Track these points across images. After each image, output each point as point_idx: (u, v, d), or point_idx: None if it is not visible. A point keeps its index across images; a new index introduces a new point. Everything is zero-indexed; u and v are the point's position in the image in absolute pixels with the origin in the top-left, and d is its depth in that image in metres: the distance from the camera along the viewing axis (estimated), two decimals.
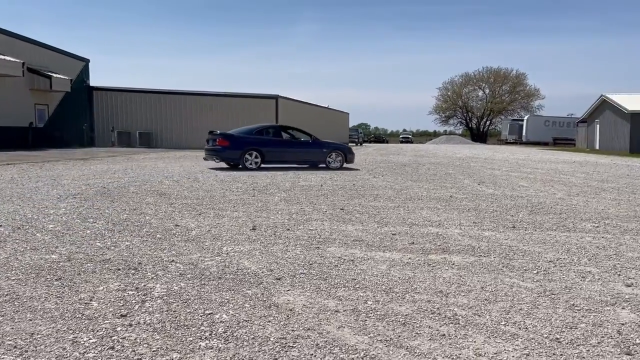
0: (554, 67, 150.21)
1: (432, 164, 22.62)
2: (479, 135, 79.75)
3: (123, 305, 4.25)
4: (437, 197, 11.16)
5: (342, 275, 5.26)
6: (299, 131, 19.19)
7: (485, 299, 4.64)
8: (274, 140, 17.84)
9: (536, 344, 3.70)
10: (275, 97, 33.57)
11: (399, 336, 3.78)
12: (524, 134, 60.42)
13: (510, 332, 3.91)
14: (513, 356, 3.49)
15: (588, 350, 3.61)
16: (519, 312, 4.33)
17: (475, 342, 3.72)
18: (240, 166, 17.03)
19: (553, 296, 4.76)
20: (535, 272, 5.54)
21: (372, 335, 3.79)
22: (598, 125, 42.84)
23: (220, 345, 3.53)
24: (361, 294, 4.69)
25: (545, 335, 3.86)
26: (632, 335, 3.88)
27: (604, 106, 41.65)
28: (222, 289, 4.74)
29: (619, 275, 5.48)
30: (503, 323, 4.08)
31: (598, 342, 3.75)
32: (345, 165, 18.62)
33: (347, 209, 9.29)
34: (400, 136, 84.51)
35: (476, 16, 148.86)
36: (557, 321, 4.15)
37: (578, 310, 4.41)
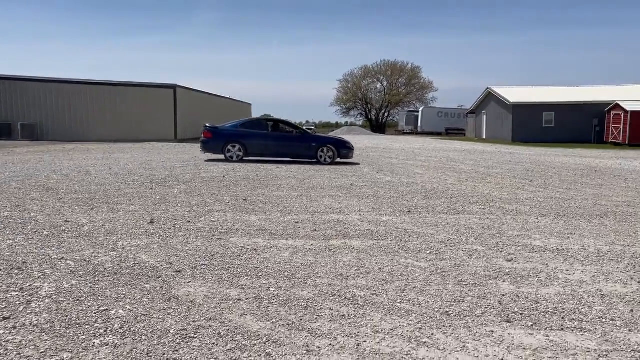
0: (445, 61, 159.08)
1: None
2: (378, 126, 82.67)
3: (5, 307, 3.93)
4: (338, 186, 11.44)
5: (244, 264, 5.25)
6: (289, 125, 18.30)
7: (383, 280, 4.85)
8: (259, 133, 17.25)
9: (428, 318, 3.95)
10: (174, 87, 32.32)
11: (301, 319, 3.85)
12: (419, 124, 63.52)
13: (405, 308, 4.13)
14: (407, 331, 3.70)
15: (473, 321, 3.91)
16: (413, 290, 4.58)
17: (373, 320, 3.89)
18: (224, 158, 17.00)
19: (444, 274, 5.09)
20: (428, 252, 5.88)
21: (274, 320, 3.83)
22: (485, 116, 46.14)
23: (117, 342, 3.39)
24: (264, 282, 4.71)
25: (436, 310, 4.12)
26: (511, 305, 4.27)
27: (489, 98, 44.91)
28: (118, 284, 4.53)
29: (501, 252, 5.98)
30: (399, 301, 4.30)
31: (482, 313, 4.08)
32: (342, 160, 17.33)
33: (251, 200, 9.24)
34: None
35: (375, 9, 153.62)
36: (447, 296, 4.45)
37: (465, 285, 4.76)
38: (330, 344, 3.45)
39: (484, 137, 45.58)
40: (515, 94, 40.61)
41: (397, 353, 3.35)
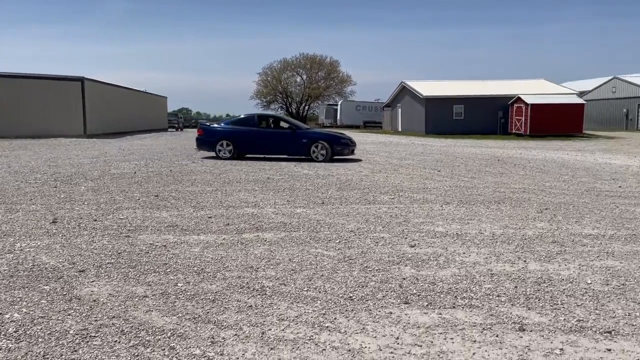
0: (363, 55, 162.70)
1: None
2: (299, 120, 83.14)
3: None
4: (255, 180, 11.46)
5: (152, 261, 5.17)
6: (284, 121, 17.42)
7: (292, 270, 4.98)
8: (250, 130, 16.66)
9: (332, 303, 4.12)
10: (81, 80, 30.57)
11: (208, 312, 3.89)
12: (338, 118, 64.60)
13: (312, 296, 4.28)
14: (312, 317, 3.84)
15: (374, 304, 4.13)
16: (320, 278, 4.74)
17: (279, 309, 4.00)
18: (215, 156, 16.67)
19: (350, 261, 5.30)
20: (337, 241, 6.09)
21: (180, 315, 3.83)
22: (400, 109, 47.77)
23: (10, 346, 3.26)
24: (172, 277, 4.68)
25: (340, 295, 4.30)
26: (410, 287, 4.54)
27: (404, 92, 46.54)
28: (14, 287, 4.32)
29: (406, 238, 6.30)
30: (306, 289, 4.44)
31: (383, 296, 4.31)
32: (341, 157, 16.59)
33: (162, 196, 9.05)
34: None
35: (294, 3, 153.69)
36: (352, 282, 4.65)
37: (370, 271, 4.99)
38: (236, 334, 3.52)
39: (400, 129, 47.15)
40: (427, 88, 42.31)
41: (300, 339, 3.48)
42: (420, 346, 3.40)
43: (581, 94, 41.05)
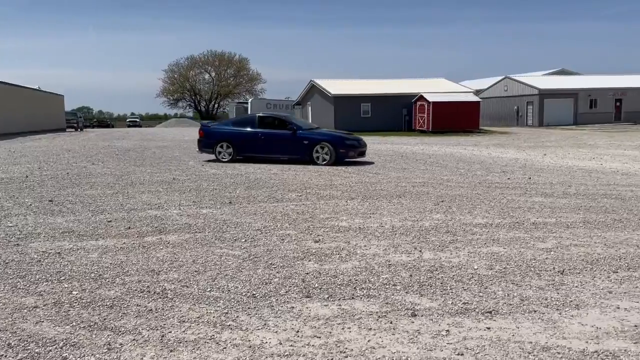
0: (273, 53, 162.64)
1: (159, 148, 22.30)
2: (208, 118, 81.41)
3: None
4: (159, 181, 11.14)
5: (45, 269, 4.91)
6: (287, 121, 15.89)
7: (196, 271, 4.94)
8: (250, 131, 15.65)
9: (235, 302, 4.15)
10: None
11: (105, 319, 3.78)
12: None
13: (215, 296, 4.29)
14: (214, 317, 3.86)
15: (277, 300, 4.22)
16: (224, 278, 4.75)
17: (181, 310, 3.97)
18: (215, 158, 15.72)
19: (256, 259, 5.36)
20: (243, 240, 6.11)
21: (74, 324, 3.69)
22: (310, 107, 48.35)
23: None
24: (66, 286, 4.48)
25: (244, 294, 4.35)
26: (312, 281, 4.68)
27: (313, 90, 47.16)
28: None
29: (311, 234, 6.46)
30: (209, 289, 4.44)
31: (286, 291, 4.41)
32: (347, 159, 15.25)
33: (58, 200, 8.56)
34: (128, 120, 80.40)
35: None
36: (256, 280, 4.70)
37: (274, 268, 5.07)
38: (134, 339, 3.46)
39: None
40: (336, 86, 43.18)
41: (201, 339, 3.48)
42: (319, 337, 3.53)
43: (477, 93, 43.85)
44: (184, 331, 3.60)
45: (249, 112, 64.72)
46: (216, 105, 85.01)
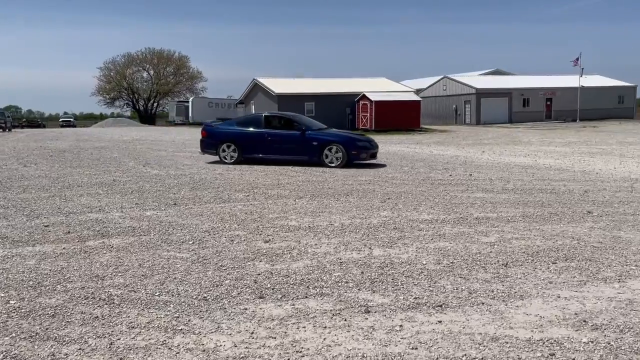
0: (214, 51, 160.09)
1: (96, 148, 21.43)
2: (147, 117, 78.99)
3: None
4: (99, 183, 10.70)
5: None
6: (295, 121, 15.12)
7: (142, 275, 4.78)
8: (256, 132, 14.78)
9: (186, 305, 4.05)
10: None
11: (47, 329, 3.58)
12: (190, 115, 62.77)
13: (164, 300, 4.16)
14: (164, 322, 3.74)
15: (229, 302, 4.15)
16: (173, 281, 4.62)
17: (129, 316, 3.82)
18: (219, 159, 14.78)
19: (205, 261, 5.24)
20: (191, 242, 5.97)
21: (14, 334, 3.48)
22: (253, 106, 47.94)
23: None
24: (2, 295, 4.22)
25: (195, 297, 4.24)
26: (265, 282, 4.63)
27: (256, 89, 46.80)
28: None
29: (261, 234, 6.39)
30: (158, 294, 4.30)
31: (238, 293, 4.35)
32: (359, 162, 14.34)
33: None
34: (61, 120, 76.77)
35: None
36: (207, 282, 4.61)
37: (225, 269, 4.99)
38: (80, 348, 3.30)
39: None
40: (280, 85, 43.07)
41: (153, 344, 3.37)
42: (275, 338, 3.50)
43: (417, 92, 44.94)
44: (133, 338, 3.47)
45: (190, 111, 63.45)
46: (155, 104, 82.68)
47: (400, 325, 3.70)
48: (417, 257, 5.39)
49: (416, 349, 3.34)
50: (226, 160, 14.71)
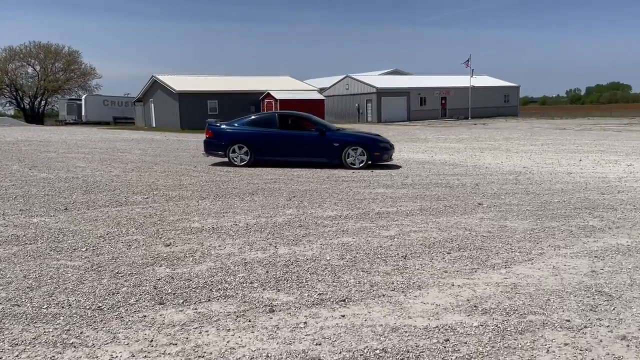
0: (109, 46, 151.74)
1: None
2: (34, 117, 72.96)
3: None
4: None
5: None
6: (309, 121, 14.19)
7: (28, 287, 4.40)
8: (268, 132, 13.85)
9: (78, 317, 3.78)
10: None
11: None
12: (83, 113, 59.01)
13: (53, 313, 3.86)
14: (53, 336, 3.47)
15: (127, 310, 3.94)
16: (64, 292, 4.30)
17: (12, 333, 3.51)
18: (228, 161, 13.85)
19: (100, 269, 4.94)
20: (84, 249, 5.60)
21: None
22: (153, 104, 46.03)
23: None
24: None
25: (88, 307, 3.98)
26: (165, 287, 4.45)
27: (156, 86, 44.96)
28: None
29: (161, 237, 6.15)
30: (46, 306, 3.98)
31: (136, 300, 4.14)
32: (380, 162, 13.83)
33: None
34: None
35: None
36: (102, 291, 4.34)
37: (122, 276, 4.73)
38: None
39: (154, 125, 45.55)
40: (181, 83, 41.74)
41: None
42: (176, 344, 3.37)
43: (321, 91, 45.65)
44: (17, 356, 3.18)
45: (83, 109, 59.61)
46: (43, 102, 76.72)
47: (305, 322, 3.72)
48: (321, 254, 5.46)
49: (320, 344, 3.38)
50: (236, 162, 13.84)
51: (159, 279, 4.65)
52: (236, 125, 14.36)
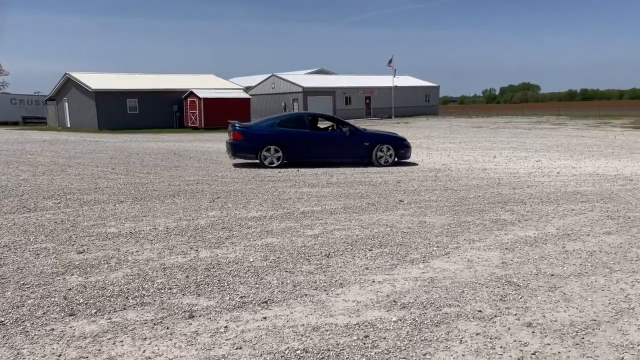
0: (17, 41, 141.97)
1: None
2: None
3: None
4: None
5: None
6: (335, 121, 14.65)
7: None
8: (301, 132, 13.90)
9: None
10: None
11: None
12: None
13: None
14: None
15: (33, 324, 3.68)
16: None
17: None
18: (259, 163, 13.60)
19: (3, 280, 4.59)
20: None
21: None
22: (67, 103, 43.55)
23: None
24: None
25: None
26: (77, 297, 4.21)
27: (70, 84, 42.55)
28: None
29: (73, 245, 5.81)
30: None
31: (44, 313, 3.88)
32: (403, 160, 14.46)
33: None
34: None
35: None
36: (4, 304, 4.04)
37: (28, 287, 4.42)
38: None
39: (69, 125, 43.15)
40: (97, 80, 39.82)
41: None
42: (87, 358, 3.19)
43: (247, 89, 45.18)
44: None
45: None
46: None
47: (225, 327, 3.65)
48: (244, 256, 5.39)
49: (241, 348, 3.32)
50: (268, 163, 13.59)
51: (69, 289, 4.39)
52: (265, 126, 14.29)
